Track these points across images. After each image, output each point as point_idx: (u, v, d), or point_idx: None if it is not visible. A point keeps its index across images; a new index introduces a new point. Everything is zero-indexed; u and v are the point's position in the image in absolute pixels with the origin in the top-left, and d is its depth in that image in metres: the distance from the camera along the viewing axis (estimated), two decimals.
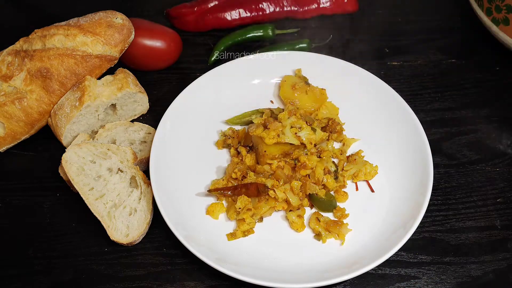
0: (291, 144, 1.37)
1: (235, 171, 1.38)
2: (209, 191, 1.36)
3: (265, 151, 1.36)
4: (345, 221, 1.34)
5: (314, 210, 1.38)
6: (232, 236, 1.32)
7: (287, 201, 1.34)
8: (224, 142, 1.48)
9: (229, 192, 1.34)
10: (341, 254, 1.29)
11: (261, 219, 1.35)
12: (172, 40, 1.65)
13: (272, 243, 1.32)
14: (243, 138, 1.46)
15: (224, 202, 1.38)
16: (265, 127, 1.39)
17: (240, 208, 1.32)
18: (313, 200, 1.36)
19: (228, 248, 1.30)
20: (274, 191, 1.32)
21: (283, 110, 1.48)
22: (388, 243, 1.25)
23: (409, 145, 1.42)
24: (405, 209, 1.32)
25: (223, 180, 1.39)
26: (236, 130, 1.49)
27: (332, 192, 1.38)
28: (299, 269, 1.27)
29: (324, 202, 1.35)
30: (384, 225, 1.32)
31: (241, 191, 1.33)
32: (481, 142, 1.53)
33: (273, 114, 1.47)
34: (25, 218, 1.39)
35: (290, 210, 1.35)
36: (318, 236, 1.32)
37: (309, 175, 1.37)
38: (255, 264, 1.27)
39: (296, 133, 1.37)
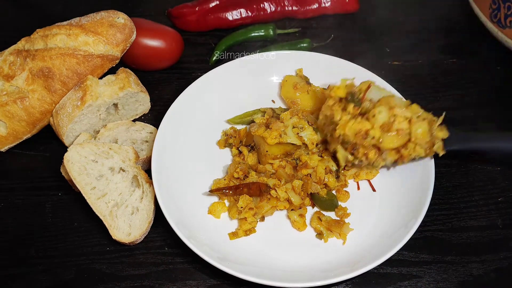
0: (292, 144, 1.37)
1: (237, 170, 1.38)
2: (211, 191, 1.36)
3: (267, 151, 1.37)
4: (346, 220, 1.34)
5: (316, 209, 1.38)
6: (234, 235, 1.32)
7: (288, 201, 1.34)
8: (226, 141, 1.48)
9: (230, 192, 1.34)
10: (342, 253, 1.29)
11: (262, 219, 1.35)
12: (174, 40, 1.65)
13: (273, 242, 1.32)
14: (244, 138, 1.46)
15: (226, 201, 1.38)
16: (267, 126, 1.39)
17: (242, 207, 1.32)
18: (314, 199, 1.36)
19: (230, 247, 1.30)
20: (276, 190, 1.33)
21: (284, 109, 1.49)
22: (390, 242, 1.26)
23: None
24: (407, 208, 1.32)
25: (224, 179, 1.39)
26: (237, 130, 1.49)
27: (333, 191, 1.39)
28: (300, 268, 1.27)
29: (326, 201, 1.35)
30: (385, 224, 1.32)
31: (243, 191, 1.33)
32: None
33: (275, 114, 1.47)
34: (27, 217, 1.39)
35: (292, 209, 1.35)
36: (320, 235, 1.33)
37: (310, 174, 1.37)
38: (256, 263, 1.27)
39: (298, 133, 1.37)
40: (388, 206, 1.36)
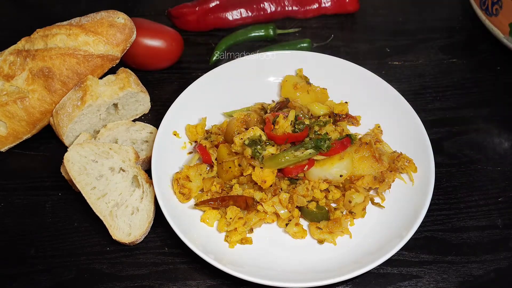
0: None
1: (214, 184, 1.35)
2: (197, 204, 1.33)
3: (230, 167, 1.34)
4: (346, 220, 1.34)
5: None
6: (229, 244, 1.30)
7: (276, 214, 1.32)
8: (212, 143, 1.43)
9: (216, 203, 1.31)
10: (342, 253, 1.29)
11: (251, 230, 1.33)
12: (174, 40, 1.65)
13: (273, 242, 1.32)
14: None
15: None
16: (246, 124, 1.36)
17: (231, 218, 1.30)
18: (303, 213, 1.33)
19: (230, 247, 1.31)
20: (262, 205, 1.30)
21: (275, 105, 1.45)
22: (390, 242, 1.26)
23: (411, 144, 1.42)
24: (407, 208, 1.32)
25: (207, 195, 1.36)
26: (220, 126, 1.46)
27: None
28: (300, 268, 1.27)
29: (316, 215, 1.32)
30: (385, 224, 1.32)
31: (229, 203, 1.31)
32: (482, 141, 1.54)
33: (264, 109, 1.45)
34: (27, 217, 1.39)
35: (287, 224, 1.32)
36: (321, 242, 1.31)
37: (295, 186, 1.34)
38: (256, 263, 1.27)
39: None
40: (388, 206, 1.36)
